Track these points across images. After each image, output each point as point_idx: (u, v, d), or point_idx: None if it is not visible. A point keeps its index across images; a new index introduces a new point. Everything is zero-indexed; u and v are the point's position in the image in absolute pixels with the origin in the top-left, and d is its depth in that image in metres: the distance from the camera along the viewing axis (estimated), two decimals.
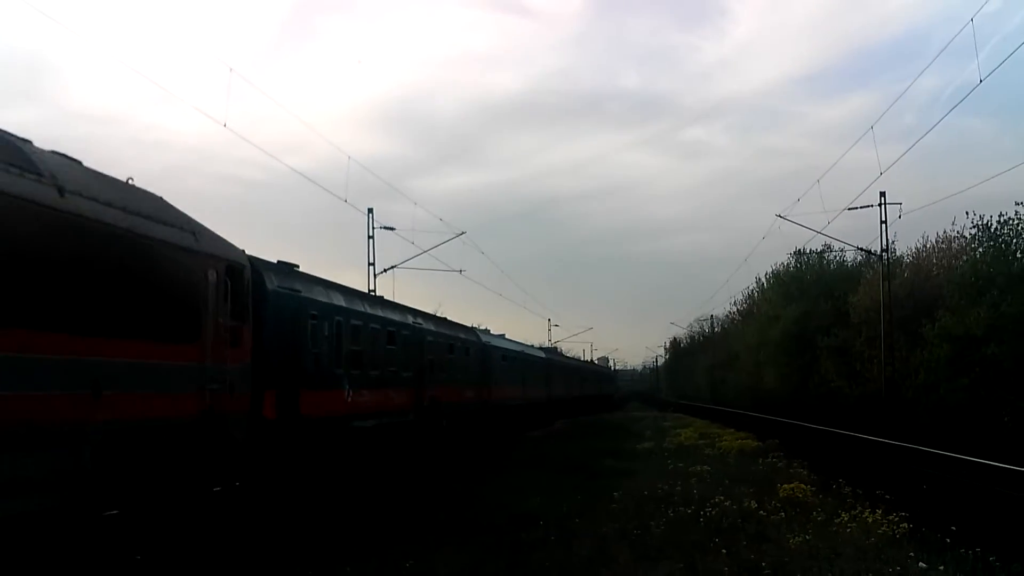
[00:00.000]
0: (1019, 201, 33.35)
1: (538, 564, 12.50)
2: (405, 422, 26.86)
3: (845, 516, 15.13)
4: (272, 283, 18.47)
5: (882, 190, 43.77)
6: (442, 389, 31.79)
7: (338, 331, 21.84)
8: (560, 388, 68.52)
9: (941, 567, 11.09)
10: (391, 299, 31.94)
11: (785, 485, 18.90)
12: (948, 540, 13.19)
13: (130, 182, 13.86)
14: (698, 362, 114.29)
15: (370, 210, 43.68)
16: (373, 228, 43.48)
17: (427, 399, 29.16)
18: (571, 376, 78.59)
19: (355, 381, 22.71)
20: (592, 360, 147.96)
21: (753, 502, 16.89)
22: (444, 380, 32.28)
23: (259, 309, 17.31)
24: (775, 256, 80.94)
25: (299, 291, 19.83)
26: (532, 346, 64.66)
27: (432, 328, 31.82)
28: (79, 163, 12.71)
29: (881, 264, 44.48)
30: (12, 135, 11.18)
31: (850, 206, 43.12)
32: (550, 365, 65.22)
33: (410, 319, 29.18)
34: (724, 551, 12.86)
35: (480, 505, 18.30)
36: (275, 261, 19.86)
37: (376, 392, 24.54)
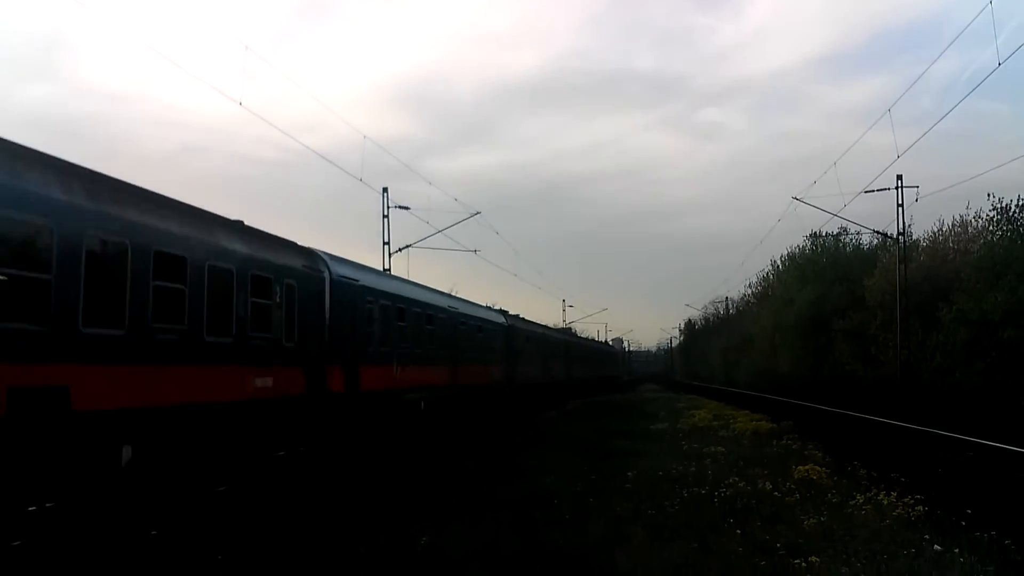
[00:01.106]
0: None
1: (552, 543, 12.51)
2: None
3: (860, 498, 15.11)
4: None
5: (899, 173, 43.70)
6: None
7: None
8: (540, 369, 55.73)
9: (956, 550, 11.05)
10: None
11: (800, 467, 18.88)
12: (963, 523, 13.15)
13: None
14: (712, 344, 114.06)
15: (385, 189, 43.76)
16: (388, 207, 43.53)
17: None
18: (555, 355, 62.19)
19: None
20: (606, 341, 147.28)
21: (767, 483, 16.88)
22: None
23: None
24: (791, 238, 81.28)
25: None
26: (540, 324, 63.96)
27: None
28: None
29: (897, 247, 44.31)
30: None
31: (867, 189, 43.01)
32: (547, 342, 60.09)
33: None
34: (738, 532, 12.87)
35: (495, 483, 18.32)
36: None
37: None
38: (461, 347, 33.51)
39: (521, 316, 53.40)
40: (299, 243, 20.65)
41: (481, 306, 43.05)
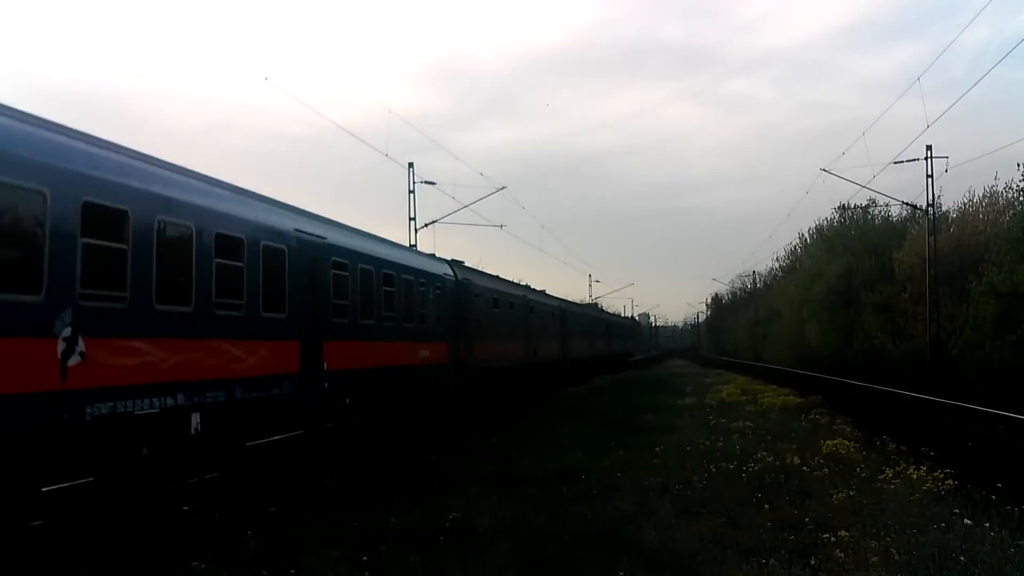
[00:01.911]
0: None
1: (580, 517, 12.55)
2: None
3: (889, 472, 15.04)
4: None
5: (928, 144, 43.20)
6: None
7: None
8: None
9: (986, 524, 10.98)
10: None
11: (828, 441, 18.81)
12: (993, 497, 13.07)
13: None
14: (739, 318, 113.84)
15: (411, 164, 43.68)
16: (414, 183, 43.51)
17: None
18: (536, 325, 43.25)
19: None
20: (632, 316, 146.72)
21: (796, 458, 16.83)
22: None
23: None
24: (819, 211, 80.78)
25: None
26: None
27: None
28: None
29: (927, 219, 43.95)
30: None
31: (896, 160, 42.66)
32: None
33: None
34: (767, 506, 12.86)
35: (522, 458, 18.38)
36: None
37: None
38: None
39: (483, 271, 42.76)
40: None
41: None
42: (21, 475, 10.43)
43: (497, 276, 38.49)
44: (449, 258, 30.40)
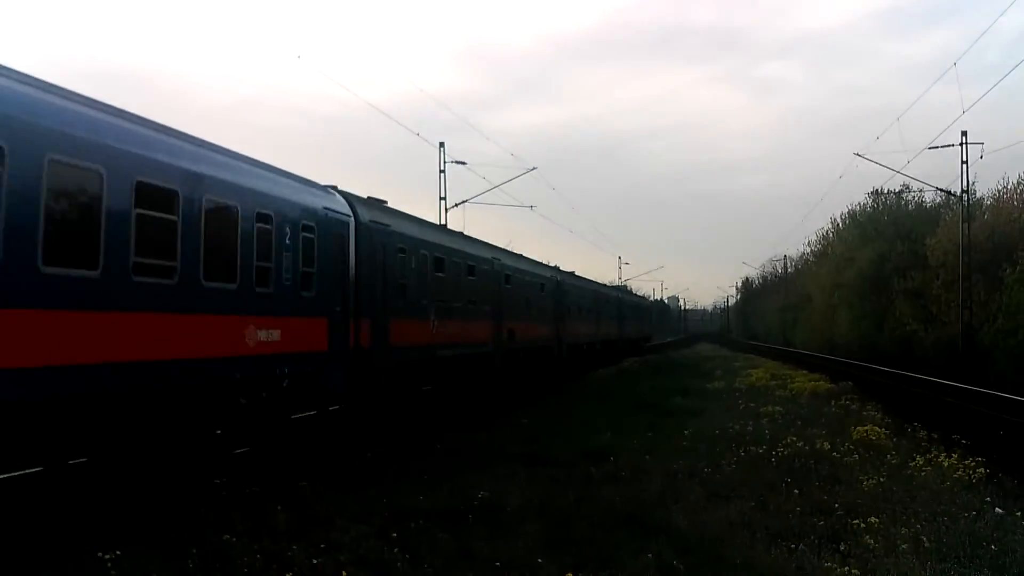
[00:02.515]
0: None
1: (608, 498, 12.57)
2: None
3: (920, 460, 14.99)
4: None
5: (964, 129, 42.75)
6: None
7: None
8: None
9: (1018, 512, 10.95)
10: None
11: (859, 427, 18.75)
12: None
13: None
14: (770, 303, 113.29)
15: (442, 144, 43.58)
16: (445, 162, 43.45)
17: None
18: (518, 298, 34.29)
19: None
20: (662, 297, 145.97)
21: (826, 444, 16.80)
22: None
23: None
24: (851, 196, 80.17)
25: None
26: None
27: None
28: None
29: (961, 205, 43.55)
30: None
31: (930, 145, 42.25)
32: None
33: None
34: (796, 491, 12.84)
35: (551, 439, 18.41)
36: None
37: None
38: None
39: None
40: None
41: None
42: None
43: (457, 232, 30.64)
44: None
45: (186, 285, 12.40)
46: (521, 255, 38.25)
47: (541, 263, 41.12)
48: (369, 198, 20.93)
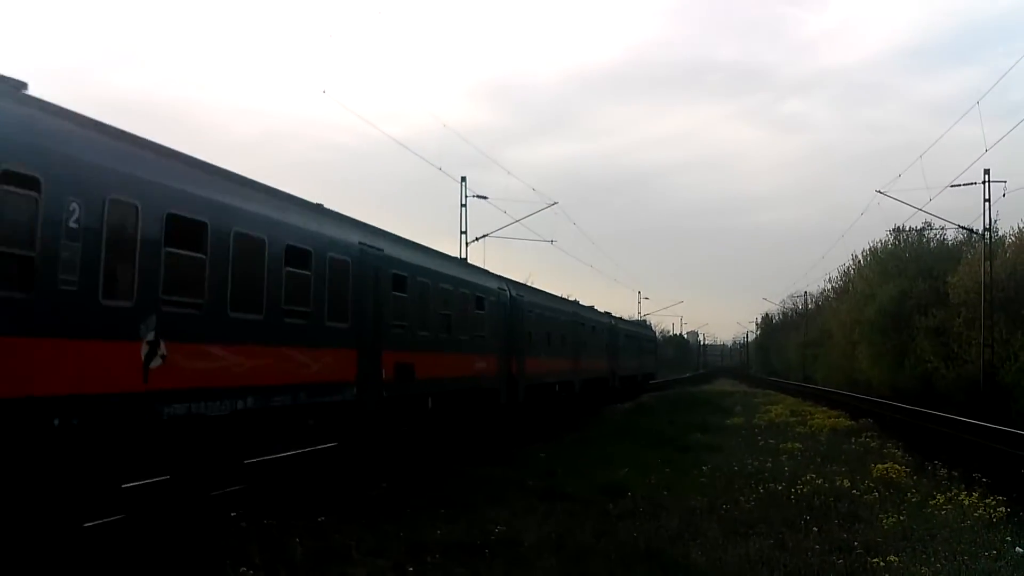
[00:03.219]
0: None
1: (626, 534, 12.52)
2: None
3: (940, 498, 14.88)
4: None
5: (986, 167, 42.69)
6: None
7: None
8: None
9: None
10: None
11: (879, 465, 18.63)
12: None
13: None
14: (790, 339, 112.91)
15: (464, 179, 43.69)
16: (466, 196, 43.61)
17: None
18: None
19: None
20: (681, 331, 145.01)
21: (846, 481, 16.69)
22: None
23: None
24: (873, 233, 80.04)
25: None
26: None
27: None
28: None
29: (983, 243, 43.41)
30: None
31: (953, 183, 42.13)
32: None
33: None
34: (815, 529, 12.75)
35: (568, 474, 18.35)
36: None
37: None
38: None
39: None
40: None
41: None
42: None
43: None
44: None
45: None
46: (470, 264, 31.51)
47: (484, 270, 29.90)
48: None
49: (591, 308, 50.37)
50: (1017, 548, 11.26)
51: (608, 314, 54.92)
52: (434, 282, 22.03)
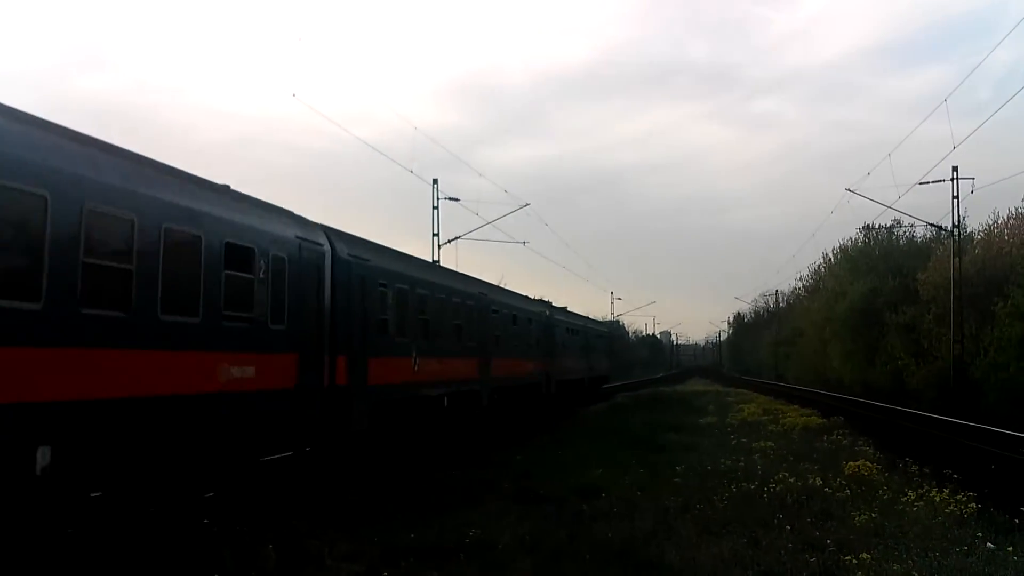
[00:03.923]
0: None
1: (600, 535, 12.53)
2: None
3: (912, 495, 14.97)
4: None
5: (954, 164, 43.00)
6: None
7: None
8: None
9: (1009, 548, 10.96)
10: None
11: (850, 463, 18.73)
12: (1017, 521, 13.03)
13: None
14: (762, 338, 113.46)
15: (435, 181, 43.55)
16: (438, 199, 43.53)
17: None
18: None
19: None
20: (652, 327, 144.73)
21: (818, 479, 16.78)
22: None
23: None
24: (843, 231, 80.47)
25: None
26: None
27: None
28: None
29: (952, 240, 43.75)
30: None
31: (921, 181, 42.42)
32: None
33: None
34: (788, 527, 12.81)
35: (542, 475, 18.36)
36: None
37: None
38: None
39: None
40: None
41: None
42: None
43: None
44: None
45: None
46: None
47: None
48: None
49: (520, 296, 39.88)
50: (988, 544, 11.34)
51: (546, 303, 45.69)
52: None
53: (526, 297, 41.43)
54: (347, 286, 18.21)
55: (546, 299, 46.10)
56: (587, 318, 62.79)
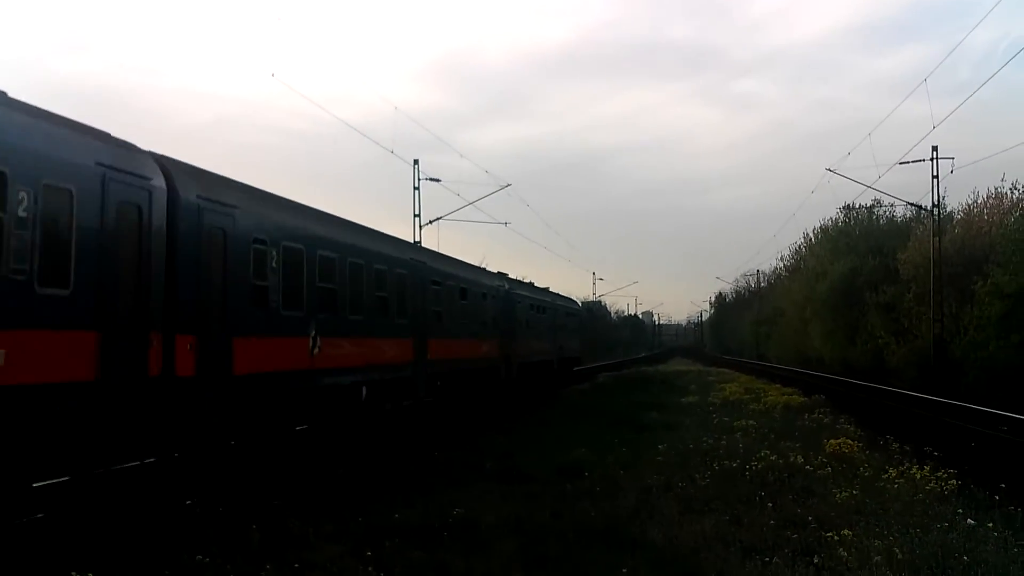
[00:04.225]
0: None
1: (583, 514, 12.58)
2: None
3: (893, 472, 15.03)
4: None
5: (934, 144, 43.16)
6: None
7: None
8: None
9: (990, 524, 11.00)
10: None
11: (832, 440, 18.80)
12: (997, 497, 13.11)
13: None
14: (743, 317, 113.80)
15: (416, 162, 43.36)
16: (419, 180, 43.40)
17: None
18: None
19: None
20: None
21: (799, 457, 16.83)
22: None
23: None
24: (824, 211, 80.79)
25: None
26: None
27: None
28: None
29: (932, 219, 43.92)
30: None
31: (902, 160, 42.66)
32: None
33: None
34: (770, 505, 12.88)
35: (526, 455, 18.39)
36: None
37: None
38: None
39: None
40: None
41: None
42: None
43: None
44: None
45: None
46: None
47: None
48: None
49: (473, 267, 35.05)
50: (968, 520, 11.40)
51: (504, 275, 38.90)
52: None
53: (481, 268, 36.73)
54: (196, 240, 13.80)
55: (505, 272, 39.46)
56: (556, 294, 54.02)
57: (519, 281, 43.12)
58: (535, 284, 48.38)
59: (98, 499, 11.69)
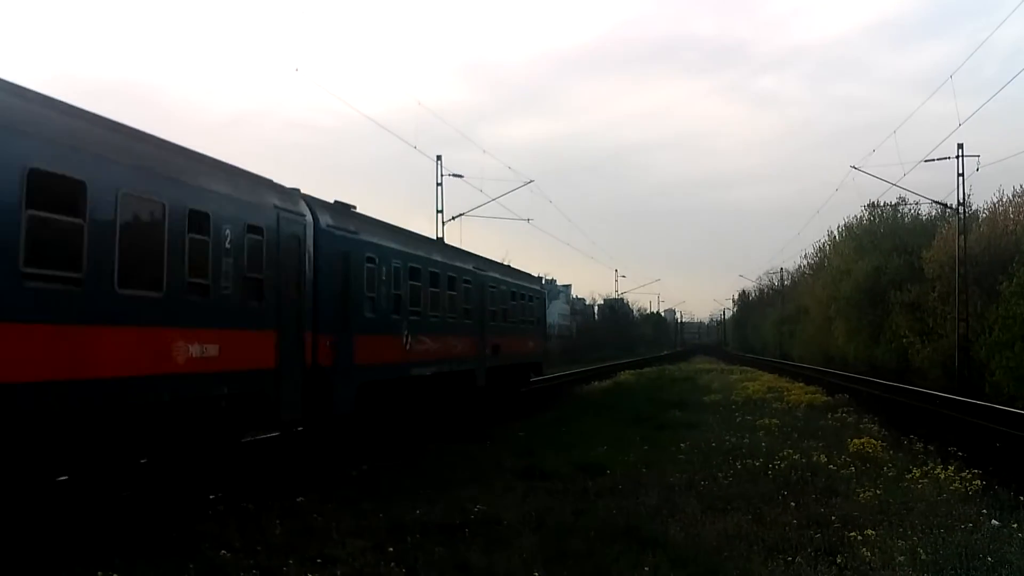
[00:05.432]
0: None
1: (605, 512, 12.55)
2: None
3: (917, 472, 14.98)
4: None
5: (960, 142, 42.89)
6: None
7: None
8: None
9: (1014, 525, 10.95)
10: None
11: (855, 440, 18.73)
12: (1021, 498, 13.03)
13: None
14: (766, 316, 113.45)
15: (439, 157, 43.45)
16: (442, 175, 43.43)
17: None
18: None
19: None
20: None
21: (822, 456, 16.78)
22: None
23: None
24: (848, 209, 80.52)
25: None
26: None
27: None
28: None
29: (957, 218, 43.63)
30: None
31: (927, 158, 42.38)
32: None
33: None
34: (792, 504, 12.82)
35: (548, 453, 18.37)
36: None
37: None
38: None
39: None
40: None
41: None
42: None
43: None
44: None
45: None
46: None
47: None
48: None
49: (453, 248, 31.17)
50: (993, 520, 11.35)
51: (475, 256, 30.82)
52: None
53: (459, 250, 30.99)
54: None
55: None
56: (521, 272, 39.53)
57: (509, 266, 37.93)
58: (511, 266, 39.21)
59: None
